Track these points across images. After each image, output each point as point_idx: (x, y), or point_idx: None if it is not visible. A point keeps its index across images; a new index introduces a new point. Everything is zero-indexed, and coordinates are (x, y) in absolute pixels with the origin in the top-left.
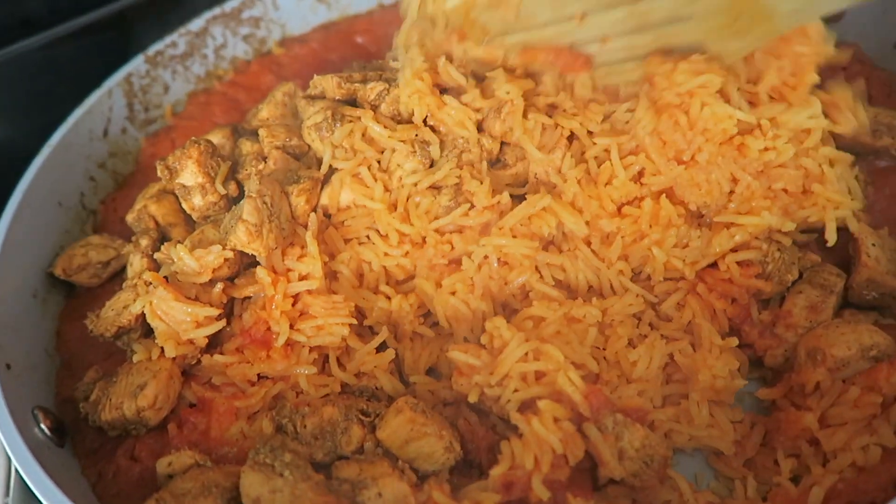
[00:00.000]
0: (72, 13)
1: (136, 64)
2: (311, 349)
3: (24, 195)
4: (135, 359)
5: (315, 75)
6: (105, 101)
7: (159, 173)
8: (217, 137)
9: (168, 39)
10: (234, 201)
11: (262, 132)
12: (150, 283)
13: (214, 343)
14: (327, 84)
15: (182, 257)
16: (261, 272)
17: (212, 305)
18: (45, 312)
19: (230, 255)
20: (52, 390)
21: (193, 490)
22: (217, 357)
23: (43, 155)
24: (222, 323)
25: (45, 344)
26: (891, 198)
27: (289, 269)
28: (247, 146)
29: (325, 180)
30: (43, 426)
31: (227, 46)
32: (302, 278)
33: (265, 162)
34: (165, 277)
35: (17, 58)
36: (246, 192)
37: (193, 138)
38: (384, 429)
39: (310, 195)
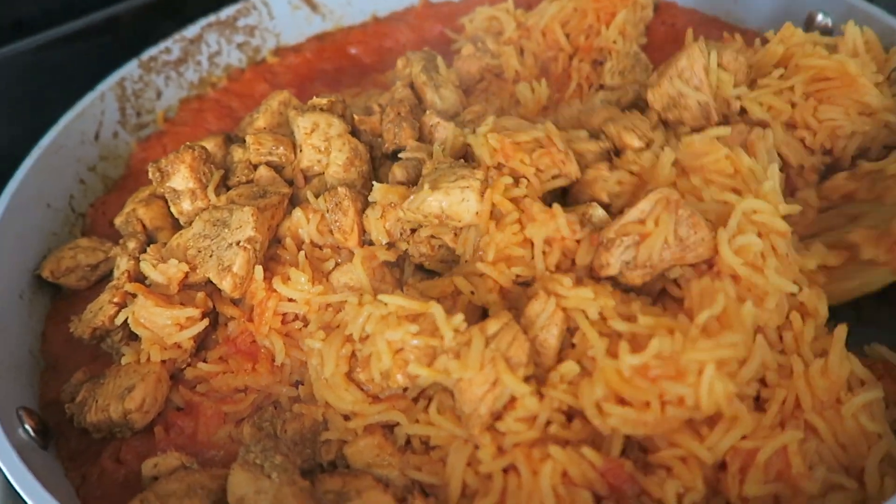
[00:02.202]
0: (65, 16)
1: (130, 68)
2: (294, 371)
3: (12, 196)
4: (123, 361)
5: None
6: (97, 104)
7: (151, 175)
8: (209, 145)
9: (162, 45)
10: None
11: (249, 140)
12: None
13: (204, 349)
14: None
15: (148, 273)
16: (259, 273)
17: (196, 308)
18: (32, 314)
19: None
20: (35, 392)
21: (178, 491)
22: (201, 365)
23: (33, 157)
24: (205, 323)
25: (29, 345)
26: None
27: (272, 290)
28: (238, 153)
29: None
30: (27, 426)
31: (221, 54)
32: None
33: (255, 170)
34: (148, 284)
35: (9, 60)
36: (235, 219)
37: (188, 143)
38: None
39: (275, 210)
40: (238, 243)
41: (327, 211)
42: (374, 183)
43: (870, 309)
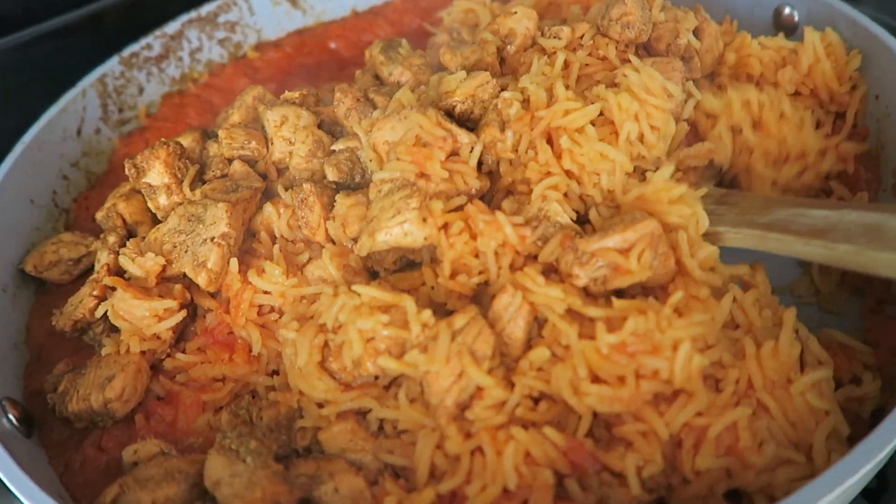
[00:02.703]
0: (47, 14)
1: (111, 65)
2: (271, 360)
3: None
4: (103, 352)
5: None
6: (79, 100)
7: (127, 171)
8: (187, 141)
9: (143, 41)
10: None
11: (221, 134)
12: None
13: (183, 340)
14: None
15: (127, 266)
16: (234, 265)
17: (174, 300)
18: (15, 307)
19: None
20: (20, 384)
21: (157, 476)
22: (180, 356)
23: (16, 153)
24: (183, 314)
25: (14, 338)
26: None
27: (247, 282)
28: (214, 148)
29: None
30: (11, 416)
31: (202, 49)
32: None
33: (230, 164)
34: (128, 278)
35: None
36: (209, 215)
37: (163, 139)
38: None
39: (248, 204)
40: (212, 239)
41: (295, 207)
42: (336, 197)
43: (829, 296)
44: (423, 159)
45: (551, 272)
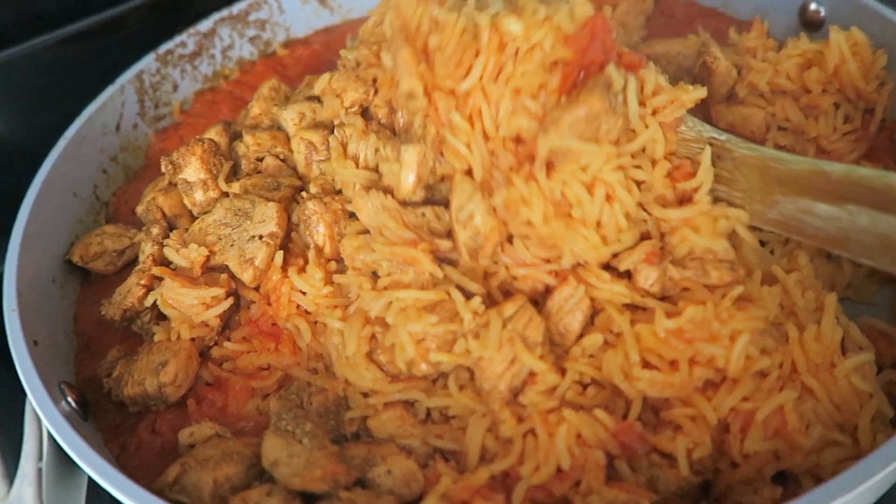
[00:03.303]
0: (83, 12)
1: (147, 62)
2: (311, 357)
3: (42, 185)
4: (155, 339)
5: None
6: (118, 96)
7: (163, 168)
8: (211, 135)
9: (178, 39)
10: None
11: (248, 140)
12: (159, 277)
13: (228, 329)
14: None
15: (171, 257)
16: (278, 258)
17: (220, 288)
18: (64, 297)
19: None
20: (71, 370)
21: (215, 456)
22: (227, 345)
23: (59, 147)
24: (230, 301)
25: (63, 326)
26: None
27: (286, 276)
28: (242, 148)
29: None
30: (69, 399)
31: (233, 47)
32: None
33: (261, 162)
34: (173, 268)
35: (30, 55)
36: (258, 213)
37: (197, 137)
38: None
39: (289, 203)
40: (261, 237)
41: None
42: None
43: (860, 286)
44: (411, 260)
45: (607, 268)
